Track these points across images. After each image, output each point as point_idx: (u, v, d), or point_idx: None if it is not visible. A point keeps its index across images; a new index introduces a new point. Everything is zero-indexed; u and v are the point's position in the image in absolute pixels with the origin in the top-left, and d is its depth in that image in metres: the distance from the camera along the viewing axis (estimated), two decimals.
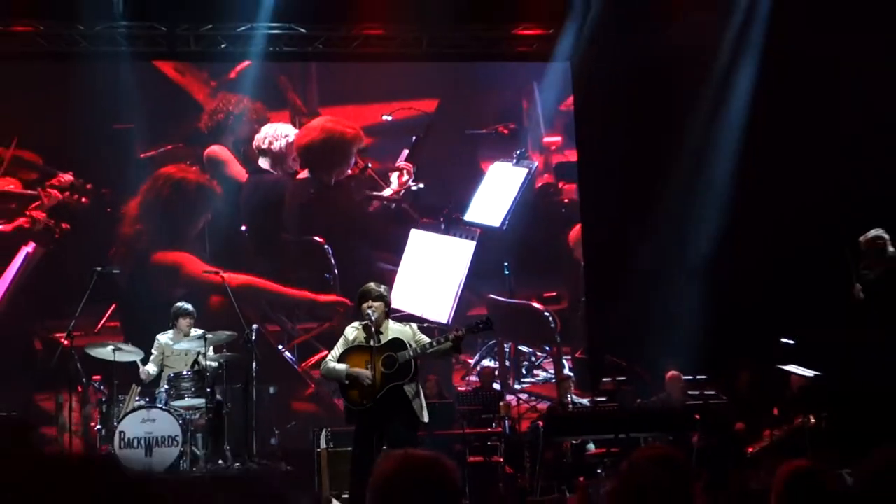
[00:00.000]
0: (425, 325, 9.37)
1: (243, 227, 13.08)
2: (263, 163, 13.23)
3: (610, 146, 12.87)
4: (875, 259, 9.46)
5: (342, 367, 7.98)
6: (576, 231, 13.49)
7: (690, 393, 10.69)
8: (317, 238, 13.10)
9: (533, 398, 12.29)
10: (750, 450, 10.08)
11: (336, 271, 12.92)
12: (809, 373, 9.96)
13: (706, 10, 12.55)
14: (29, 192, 12.79)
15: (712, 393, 10.58)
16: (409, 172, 13.27)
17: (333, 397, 9.81)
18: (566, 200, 13.66)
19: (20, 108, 12.95)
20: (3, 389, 11.29)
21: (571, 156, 13.66)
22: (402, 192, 13.29)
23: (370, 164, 13.35)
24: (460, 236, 13.27)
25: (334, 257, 12.96)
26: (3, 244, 12.64)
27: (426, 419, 8.13)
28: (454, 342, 8.12)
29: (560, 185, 13.69)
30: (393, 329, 8.14)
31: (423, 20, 13.16)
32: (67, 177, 12.86)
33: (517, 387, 12.73)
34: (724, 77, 12.70)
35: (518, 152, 13.58)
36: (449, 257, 13.17)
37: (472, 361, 12.82)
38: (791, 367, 10.14)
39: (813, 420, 9.63)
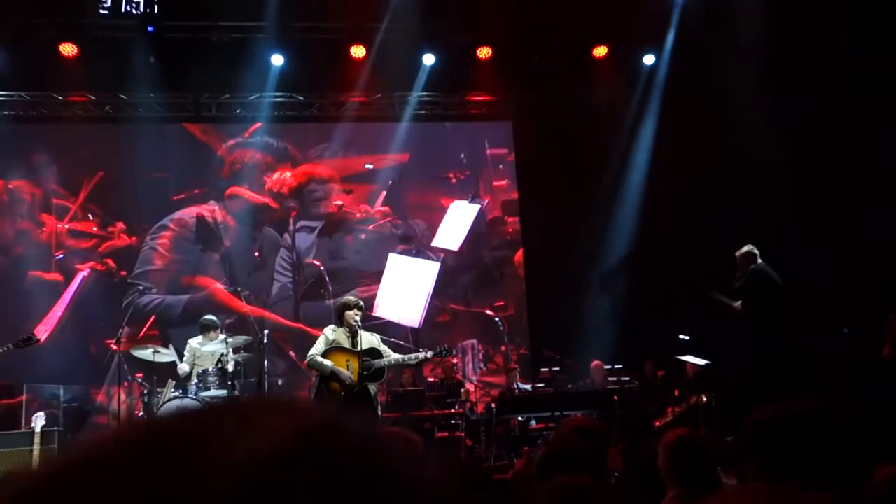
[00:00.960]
0: (391, 339, 9.29)
1: (256, 254, 13.01)
2: (272, 203, 13.17)
3: (543, 187, 12.97)
4: (745, 268, 9.60)
5: (328, 363, 7.98)
6: (519, 254, 13.56)
7: (610, 379, 10.76)
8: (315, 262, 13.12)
9: (487, 386, 12.28)
10: (657, 423, 10.14)
11: (331, 287, 12.90)
12: (702, 362, 10.06)
13: (616, 81, 12.74)
14: (102, 232, 12.72)
15: (626, 378, 10.66)
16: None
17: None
18: (511, 230, 13.72)
19: (81, 162, 12.86)
20: (66, 385, 11.16)
21: (514, 195, 13.74)
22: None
23: (343, 204, 13.33)
24: (428, 258, 13.30)
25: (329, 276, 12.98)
26: (62, 269, 12.54)
27: (379, 412, 8.18)
28: (420, 363, 8.30)
29: (506, 218, 13.73)
30: (365, 337, 8.16)
31: (396, 90, 13.27)
32: (121, 224, 12.79)
33: (474, 377, 12.69)
34: (630, 131, 12.88)
35: (472, 193, 13.65)
36: (419, 275, 13.19)
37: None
38: (687, 357, 10.24)
39: (705, 399, 9.73)
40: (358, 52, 12.34)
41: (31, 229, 12.54)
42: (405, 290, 13.05)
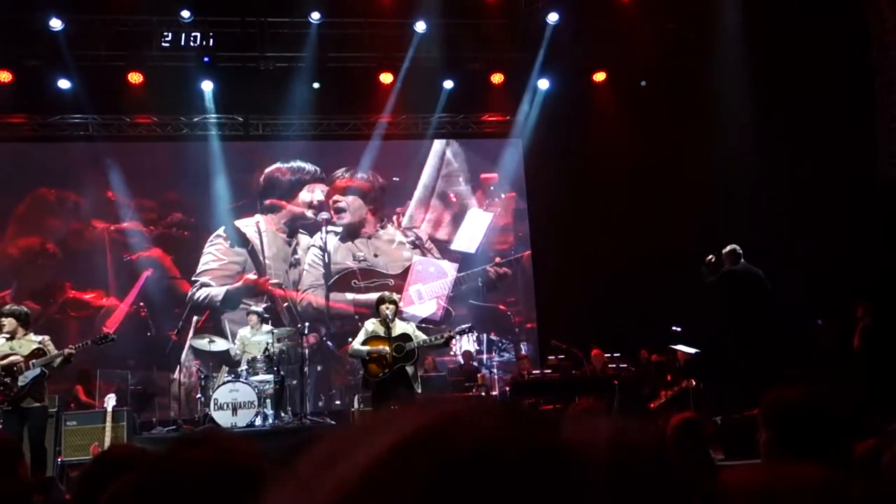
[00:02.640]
0: (422, 324, 9.36)
1: (293, 255, 13.03)
2: (308, 213, 13.21)
3: (549, 196, 12.96)
4: (729, 266, 9.44)
5: (364, 348, 8.01)
6: (527, 255, 13.54)
7: (609, 365, 10.72)
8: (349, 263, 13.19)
9: (501, 372, 12.27)
10: (652, 405, 10.09)
11: (361, 283, 12.97)
12: (691, 350, 10.02)
13: (614, 102, 12.72)
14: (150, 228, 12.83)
15: (624, 365, 10.62)
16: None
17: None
18: (521, 234, 13.70)
19: (145, 173, 12.98)
20: (133, 370, 11.24)
21: (523, 204, 13.71)
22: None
23: (365, 215, 13.37)
24: (447, 259, 13.31)
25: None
26: (129, 269, 12.65)
27: (419, 390, 8.13)
28: (447, 340, 8.27)
29: (517, 224, 13.72)
30: (399, 325, 8.17)
31: (420, 111, 13.31)
32: (177, 215, 12.88)
33: (494, 364, 12.63)
34: (628, 144, 12.83)
35: (487, 202, 13.64)
36: (440, 273, 13.20)
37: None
38: (679, 346, 10.20)
39: (694, 383, 9.68)
40: (386, 78, 12.37)
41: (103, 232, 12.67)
42: (428, 285, 13.06)
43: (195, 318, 11.09)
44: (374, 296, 12.36)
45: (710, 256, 9.48)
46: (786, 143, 10.94)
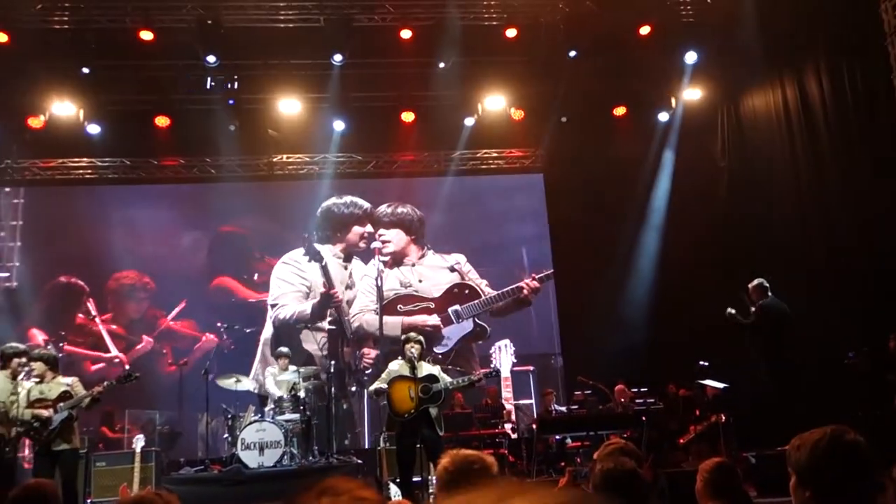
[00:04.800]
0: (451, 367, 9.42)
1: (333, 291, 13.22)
2: (361, 244, 13.48)
3: (572, 231, 13.01)
4: (757, 300, 9.39)
5: (384, 387, 8.03)
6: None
7: (637, 400, 10.65)
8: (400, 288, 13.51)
9: (521, 408, 12.19)
10: (681, 441, 10.02)
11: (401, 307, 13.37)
12: (720, 385, 9.95)
13: (633, 143, 12.79)
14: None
15: (652, 400, 10.55)
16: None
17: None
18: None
19: (174, 211, 13.24)
20: (162, 410, 11.35)
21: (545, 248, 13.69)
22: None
23: (406, 246, 13.64)
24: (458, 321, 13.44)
25: None
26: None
27: (443, 432, 8.12)
28: (472, 383, 8.31)
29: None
30: (426, 367, 8.18)
31: (441, 148, 13.48)
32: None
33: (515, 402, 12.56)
34: (649, 178, 12.91)
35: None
36: (475, 293, 13.41)
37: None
38: (707, 381, 10.13)
39: (724, 418, 9.61)
40: (408, 116, 12.57)
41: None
42: (465, 307, 13.34)
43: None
44: (418, 319, 12.71)
45: (730, 309, 9.45)
46: (814, 170, 10.90)
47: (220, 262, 13.28)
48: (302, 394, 9.74)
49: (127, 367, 11.50)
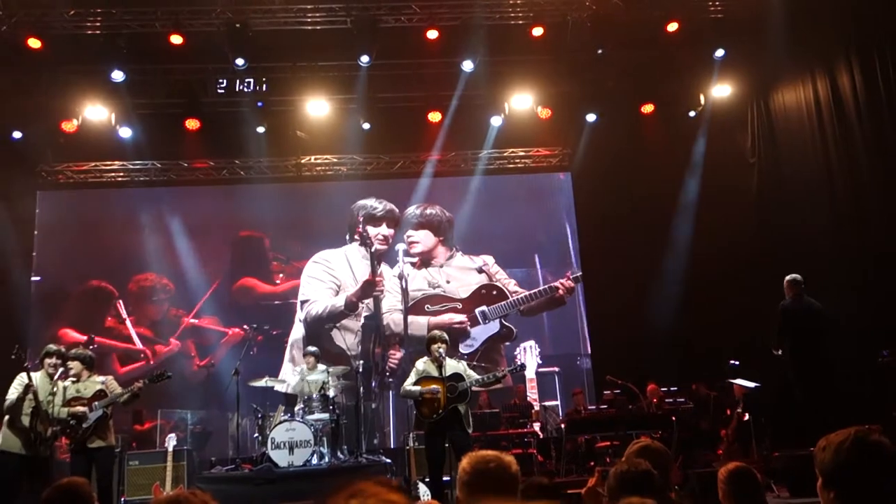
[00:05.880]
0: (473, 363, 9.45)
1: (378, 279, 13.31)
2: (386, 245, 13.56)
3: (600, 229, 12.97)
4: (792, 293, 9.19)
5: (417, 388, 8.06)
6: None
7: (666, 400, 10.59)
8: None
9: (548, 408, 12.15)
10: (720, 452, 9.93)
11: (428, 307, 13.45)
12: (751, 384, 9.86)
13: (662, 141, 12.70)
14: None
15: (682, 400, 10.47)
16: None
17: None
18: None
19: (203, 213, 13.39)
20: (193, 410, 11.49)
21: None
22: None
23: (434, 246, 13.66)
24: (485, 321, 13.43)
25: None
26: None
27: (471, 429, 8.13)
28: (497, 380, 8.32)
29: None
30: (451, 364, 8.20)
31: (468, 148, 13.50)
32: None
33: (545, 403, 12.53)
34: (677, 182, 12.82)
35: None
36: (503, 294, 13.39)
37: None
38: (737, 381, 10.04)
39: (746, 416, 9.54)
40: (434, 117, 12.60)
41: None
42: (492, 308, 13.32)
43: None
44: (445, 318, 12.76)
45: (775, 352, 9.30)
46: (847, 166, 10.73)
47: (244, 264, 13.43)
48: (332, 393, 9.81)
49: (151, 363, 11.78)
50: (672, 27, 11.47)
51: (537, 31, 11.47)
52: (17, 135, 11.96)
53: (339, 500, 1.18)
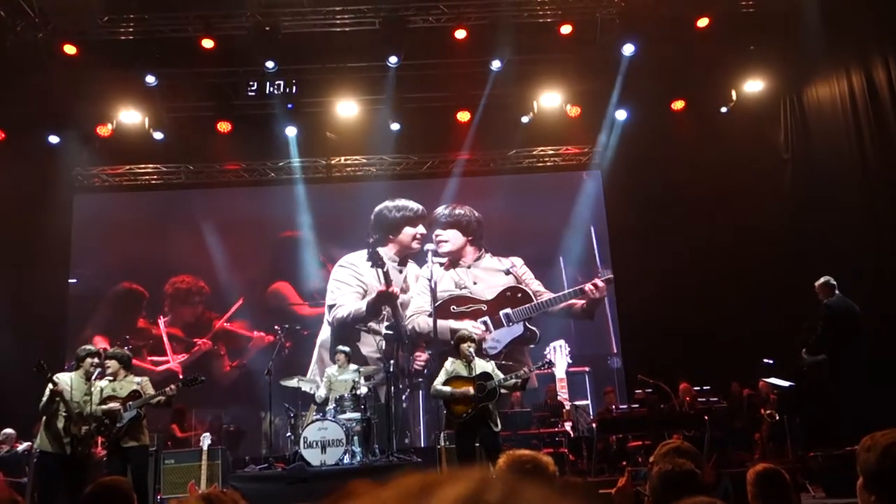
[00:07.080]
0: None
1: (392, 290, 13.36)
2: (414, 245, 13.54)
3: (630, 227, 12.87)
4: (823, 298, 9.06)
5: (448, 389, 8.08)
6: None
7: (699, 399, 10.49)
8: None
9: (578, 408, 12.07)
10: (756, 456, 9.82)
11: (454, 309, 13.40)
12: (786, 383, 9.74)
13: (693, 137, 12.57)
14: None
15: (715, 399, 10.38)
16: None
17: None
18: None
19: (235, 214, 13.53)
20: (226, 410, 11.61)
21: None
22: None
23: (462, 247, 13.64)
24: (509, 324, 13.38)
25: None
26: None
27: (499, 427, 8.15)
28: (525, 381, 8.30)
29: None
30: (479, 363, 8.21)
31: (497, 147, 13.47)
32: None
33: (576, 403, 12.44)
34: (709, 179, 12.63)
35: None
36: (528, 297, 13.32)
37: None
38: (772, 380, 9.92)
39: (777, 416, 9.43)
40: (463, 116, 12.61)
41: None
42: (516, 311, 13.25)
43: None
44: (466, 324, 12.74)
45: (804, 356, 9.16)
46: (883, 162, 10.54)
47: (280, 267, 13.49)
48: (363, 391, 9.87)
49: (180, 375, 11.91)
50: (702, 22, 11.36)
51: (566, 29, 11.43)
52: (54, 139, 12.19)
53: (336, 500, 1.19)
